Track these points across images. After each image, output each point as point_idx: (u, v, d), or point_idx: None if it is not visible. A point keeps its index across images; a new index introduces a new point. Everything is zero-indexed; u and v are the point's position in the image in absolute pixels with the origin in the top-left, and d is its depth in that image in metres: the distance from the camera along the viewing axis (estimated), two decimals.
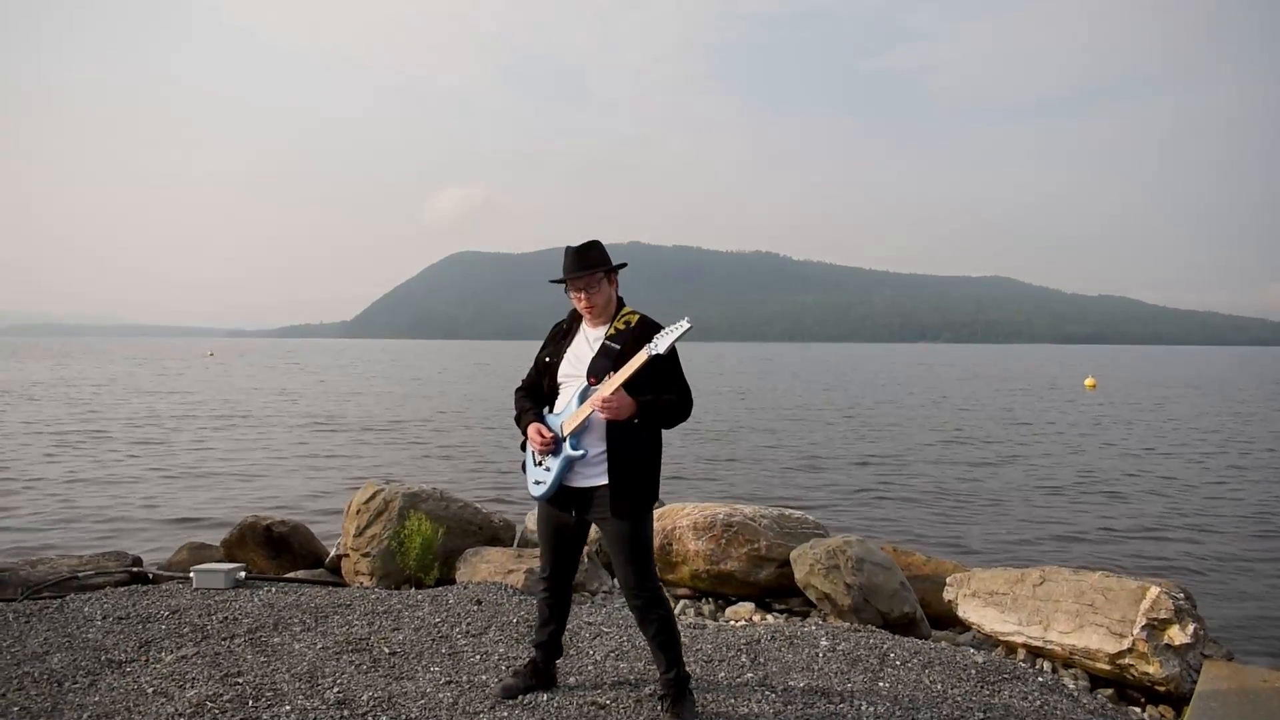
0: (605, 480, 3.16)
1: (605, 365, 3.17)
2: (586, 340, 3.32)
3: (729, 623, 5.01)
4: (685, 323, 3.06)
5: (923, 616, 5.12)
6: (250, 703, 3.30)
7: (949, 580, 5.03)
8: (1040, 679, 3.87)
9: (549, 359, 3.37)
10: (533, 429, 3.25)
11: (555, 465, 3.20)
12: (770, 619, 5.14)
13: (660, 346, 3.02)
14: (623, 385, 3.05)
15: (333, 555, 6.03)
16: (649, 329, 3.19)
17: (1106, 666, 4.16)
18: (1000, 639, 4.62)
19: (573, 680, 3.62)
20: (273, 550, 6.03)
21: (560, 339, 3.41)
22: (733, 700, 3.44)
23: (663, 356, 3.04)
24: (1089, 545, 8.69)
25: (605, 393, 3.04)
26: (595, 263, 3.23)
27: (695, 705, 3.28)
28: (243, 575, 5.25)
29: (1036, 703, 3.56)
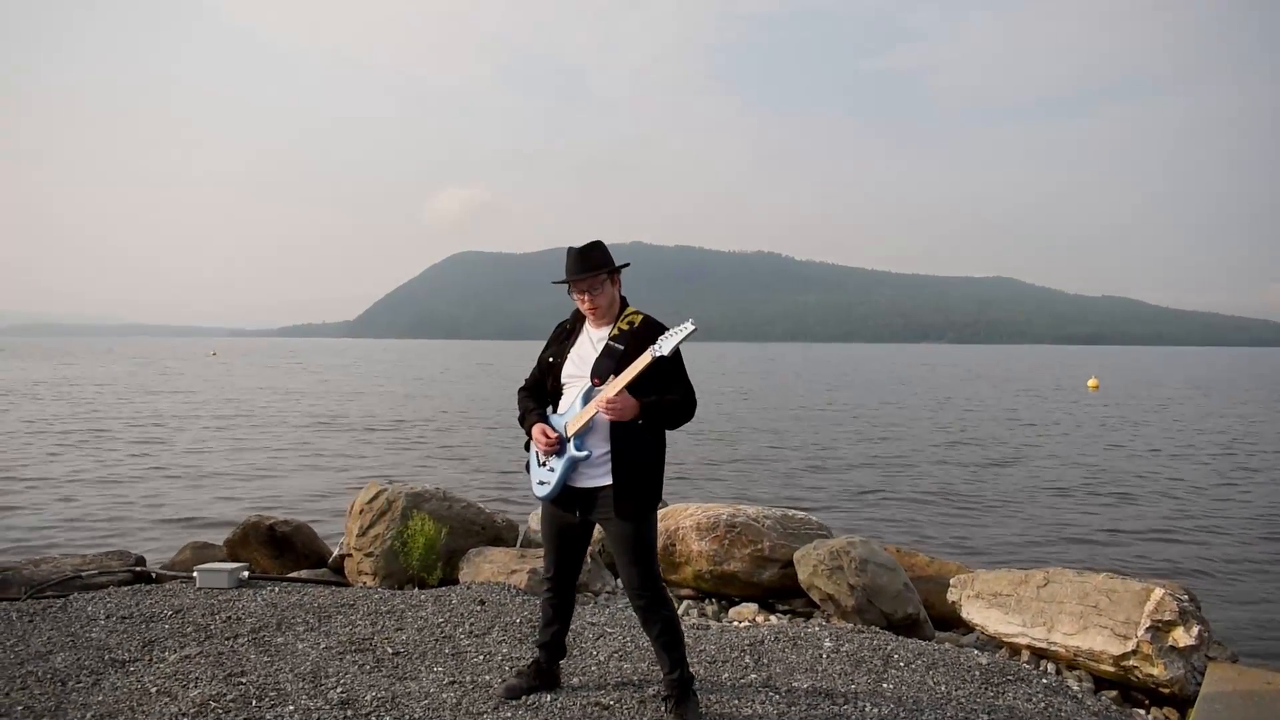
0: (609, 481, 3.16)
1: (609, 366, 3.17)
2: (590, 341, 3.32)
3: (732, 623, 5.01)
4: (689, 324, 3.05)
5: (926, 618, 5.11)
6: (254, 702, 3.30)
7: (953, 581, 5.02)
8: (1044, 681, 3.87)
9: (552, 359, 3.37)
10: (537, 430, 3.24)
11: (559, 466, 3.20)
12: (774, 620, 5.13)
13: (664, 348, 3.02)
14: (626, 386, 3.05)
15: (336, 555, 6.03)
16: (653, 329, 3.19)
17: (1111, 668, 4.15)
18: (1004, 640, 4.61)
19: (576, 681, 3.61)
20: (276, 550, 6.04)
21: (564, 339, 3.41)
22: (736, 701, 3.43)
23: (666, 358, 3.04)
24: (1094, 547, 8.67)
25: (609, 394, 3.04)
26: (598, 264, 3.22)
27: (699, 706, 3.27)
28: (246, 575, 5.26)
29: (1041, 704, 3.55)
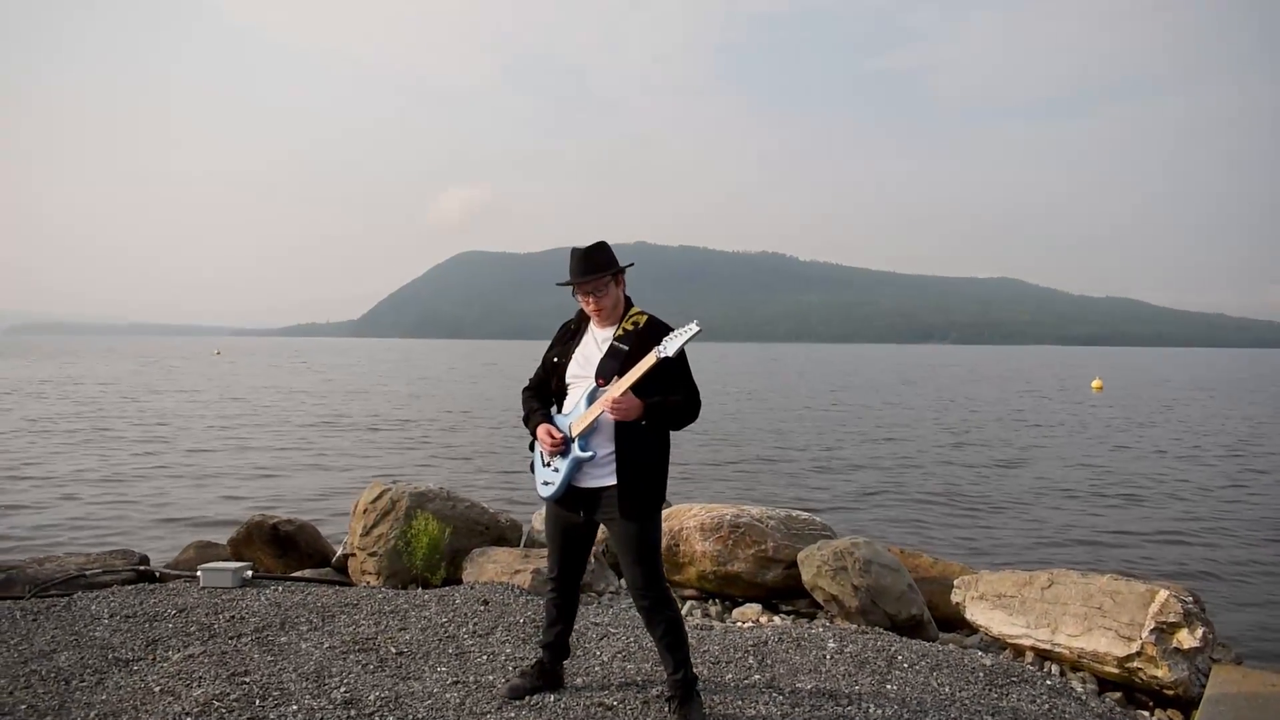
0: (613, 481, 3.15)
1: (613, 366, 3.16)
2: (595, 341, 3.32)
3: (736, 624, 5.00)
4: (694, 326, 3.05)
5: (930, 619, 5.10)
6: (257, 702, 3.30)
7: (957, 582, 5.00)
8: (1048, 682, 3.86)
9: (557, 359, 3.37)
10: (542, 430, 3.24)
11: (564, 466, 3.20)
12: (777, 620, 5.12)
13: (669, 349, 3.01)
14: (631, 387, 3.05)
15: (339, 554, 6.03)
16: (657, 330, 3.19)
17: (1115, 670, 4.14)
18: (1008, 642, 4.60)
19: (580, 681, 3.61)
20: (279, 549, 6.04)
21: (568, 339, 3.40)
22: (740, 702, 3.43)
23: (671, 359, 3.04)
24: (1100, 548, 8.65)
25: (614, 394, 3.04)
26: (602, 266, 3.22)
27: (702, 707, 3.27)
28: (250, 574, 5.26)
29: (1045, 706, 3.54)
